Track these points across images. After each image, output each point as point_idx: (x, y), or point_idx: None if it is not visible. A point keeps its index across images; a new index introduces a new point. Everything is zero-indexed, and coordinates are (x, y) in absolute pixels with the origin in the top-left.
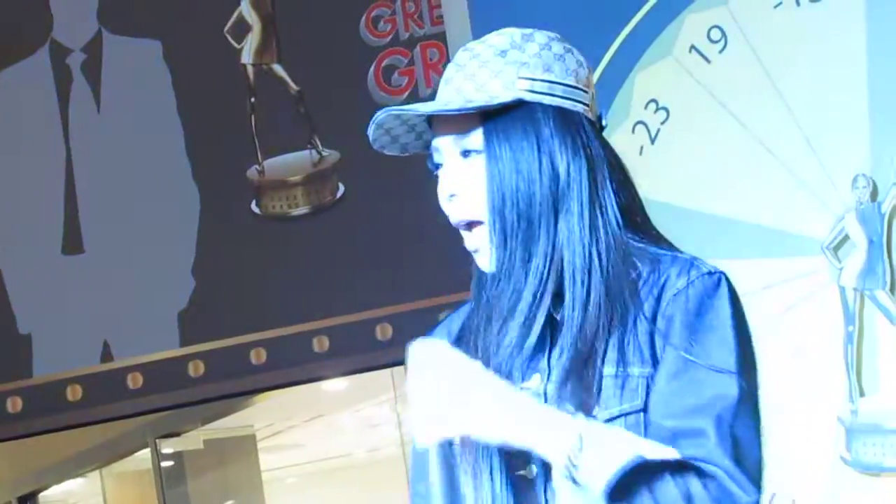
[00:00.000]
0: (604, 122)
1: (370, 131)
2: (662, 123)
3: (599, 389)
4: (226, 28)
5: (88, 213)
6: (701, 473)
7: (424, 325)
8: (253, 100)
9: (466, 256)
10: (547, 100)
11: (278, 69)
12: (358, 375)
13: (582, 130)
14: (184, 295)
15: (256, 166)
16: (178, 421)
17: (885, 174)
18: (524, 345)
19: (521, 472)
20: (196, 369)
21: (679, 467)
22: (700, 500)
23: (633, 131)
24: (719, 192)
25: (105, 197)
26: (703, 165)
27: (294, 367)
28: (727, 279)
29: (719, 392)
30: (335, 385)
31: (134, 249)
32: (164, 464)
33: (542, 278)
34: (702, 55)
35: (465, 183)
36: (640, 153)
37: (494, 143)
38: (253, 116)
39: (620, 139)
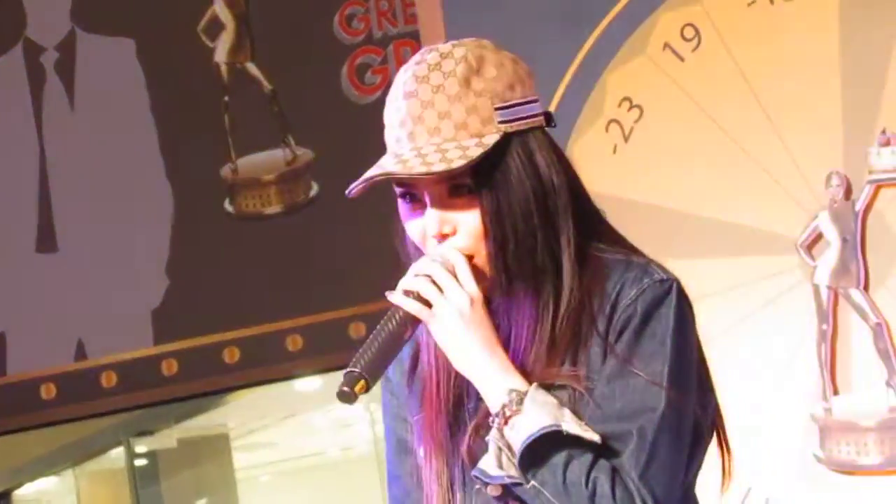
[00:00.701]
0: (554, 122)
1: (358, 185)
2: (636, 122)
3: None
4: (199, 27)
5: (62, 212)
6: (615, 475)
7: None
8: (227, 98)
9: None
10: (522, 124)
11: (252, 68)
12: (331, 374)
13: (552, 144)
14: (157, 293)
15: (230, 165)
16: (151, 420)
17: (859, 172)
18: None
19: (479, 488)
20: (169, 368)
21: (597, 459)
22: (602, 498)
23: (606, 130)
24: (693, 190)
25: (79, 195)
26: (676, 163)
27: (267, 365)
28: (679, 286)
29: (646, 403)
30: (308, 384)
31: (108, 248)
32: (138, 462)
33: (559, 298)
34: (675, 53)
35: (460, 220)
36: (614, 152)
37: (488, 180)
38: (226, 115)
39: (594, 138)
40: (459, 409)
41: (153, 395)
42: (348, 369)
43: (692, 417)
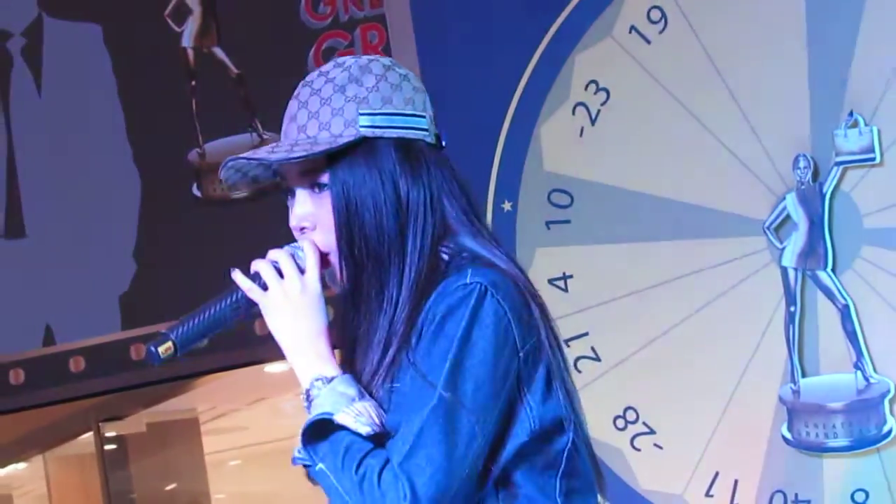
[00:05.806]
0: (443, 143)
1: (221, 174)
2: (602, 104)
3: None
4: (166, 11)
5: (30, 198)
6: (387, 463)
7: None
8: (193, 83)
9: None
10: (388, 133)
11: (218, 52)
12: None
13: (422, 157)
14: (125, 278)
15: (197, 149)
16: (120, 404)
17: (826, 155)
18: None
19: None
20: (138, 352)
21: (376, 448)
22: (369, 483)
23: (573, 113)
24: (660, 172)
25: (47, 181)
26: (643, 146)
27: (235, 349)
28: (484, 290)
29: (417, 400)
30: (277, 368)
31: (76, 233)
32: (107, 447)
33: (396, 306)
34: (642, 36)
35: (316, 217)
36: (581, 135)
37: (340, 180)
38: (193, 100)
39: (560, 121)
40: None
41: (121, 380)
42: (164, 331)
43: (477, 416)
